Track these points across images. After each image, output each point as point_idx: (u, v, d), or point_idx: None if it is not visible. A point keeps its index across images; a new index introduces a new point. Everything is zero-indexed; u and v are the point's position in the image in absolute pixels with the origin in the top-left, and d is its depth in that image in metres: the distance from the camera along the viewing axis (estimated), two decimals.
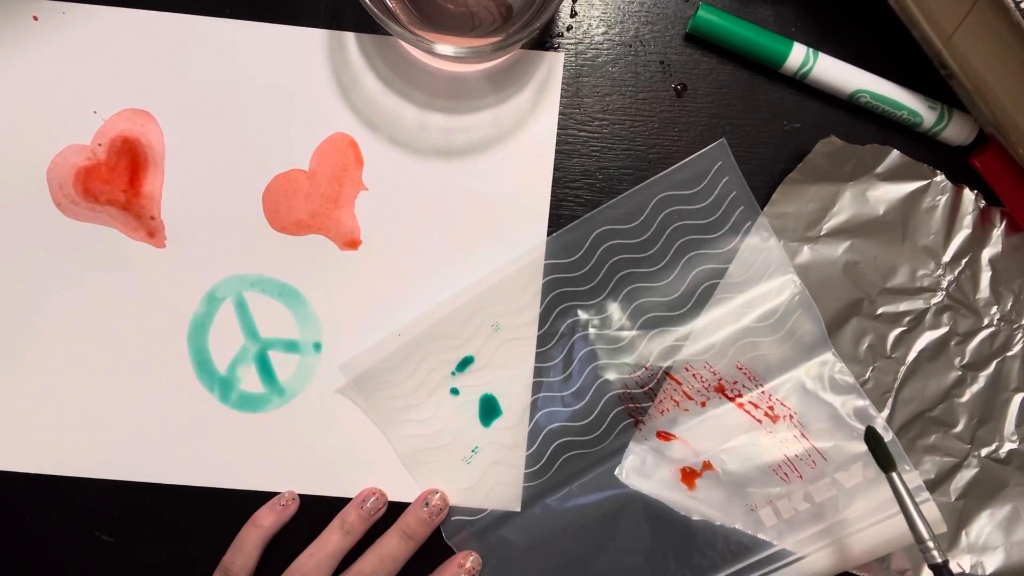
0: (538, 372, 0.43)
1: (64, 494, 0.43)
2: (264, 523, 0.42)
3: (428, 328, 0.43)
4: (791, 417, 0.43)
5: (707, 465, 0.43)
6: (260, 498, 0.43)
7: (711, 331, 0.43)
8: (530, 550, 0.43)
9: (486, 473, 0.43)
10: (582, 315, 0.43)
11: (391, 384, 0.43)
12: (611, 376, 0.43)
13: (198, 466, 0.43)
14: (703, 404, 0.43)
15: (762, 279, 0.43)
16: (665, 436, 0.43)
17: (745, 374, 0.43)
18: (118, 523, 0.44)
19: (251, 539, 0.42)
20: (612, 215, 0.43)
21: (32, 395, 0.43)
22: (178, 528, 0.44)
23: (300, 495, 0.43)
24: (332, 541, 0.42)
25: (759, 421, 0.43)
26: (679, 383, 0.43)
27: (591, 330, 0.43)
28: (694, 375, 0.43)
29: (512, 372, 0.43)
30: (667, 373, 0.43)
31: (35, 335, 0.43)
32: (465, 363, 0.43)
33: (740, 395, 0.43)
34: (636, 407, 0.43)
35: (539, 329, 0.43)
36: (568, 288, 0.43)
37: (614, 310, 0.43)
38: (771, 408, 0.43)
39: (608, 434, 0.43)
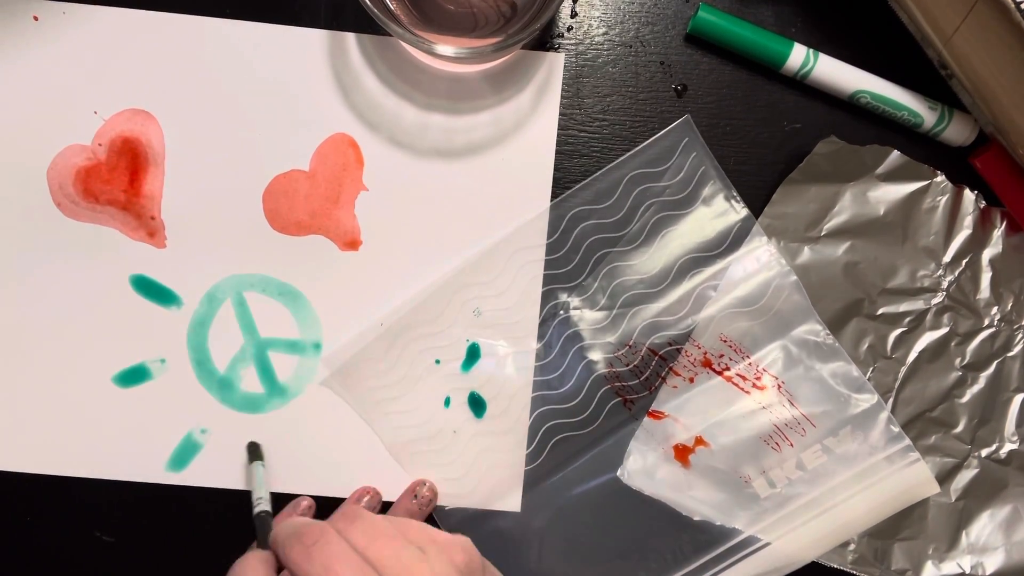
0: (521, 357, 0.43)
1: (64, 494, 0.43)
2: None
3: (406, 316, 0.43)
4: (779, 386, 0.43)
5: (699, 440, 0.43)
6: None
7: (692, 305, 0.43)
8: (526, 537, 0.43)
9: (485, 475, 0.43)
10: (562, 297, 0.43)
11: (375, 375, 0.43)
12: (596, 356, 0.43)
13: (198, 466, 0.43)
14: (691, 380, 0.44)
15: (737, 249, 0.43)
16: (656, 415, 0.43)
17: (730, 346, 0.43)
18: (118, 523, 0.44)
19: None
20: (584, 197, 0.43)
21: (32, 395, 0.43)
22: (178, 528, 0.44)
23: (299, 495, 0.43)
24: None
25: (747, 392, 0.43)
26: (665, 360, 0.43)
27: (572, 312, 0.43)
28: (678, 350, 0.43)
29: (497, 360, 0.43)
30: (652, 351, 0.43)
31: (35, 335, 0.43)
32: (472, 357, 0.43)
33: (727, 368, 0.43)
34: (623, 386, 0.43)
35: (520, 316, 0.43)
36: (548, 271, 0.43)
37: (594, 290, 0.43)
38: (758, 378, 0.43)
39: (597, 415, 0.43)
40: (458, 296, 0.43)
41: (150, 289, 0.43)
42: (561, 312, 0.43)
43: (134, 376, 0.43)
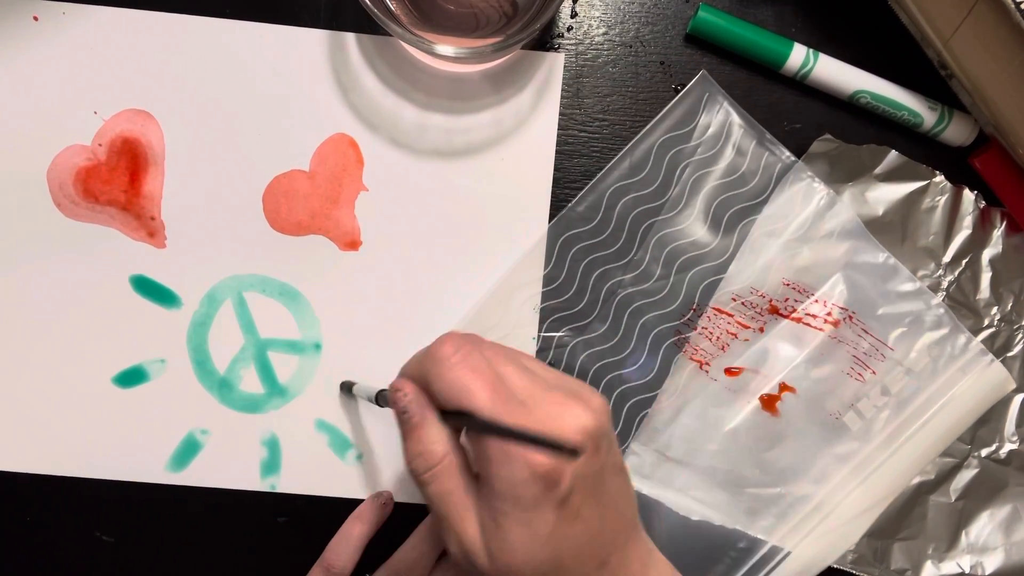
0: (588, 344, 0.43)
1: (64, 494, 0.43)
2: (370, 519, 0.42)
3: (467, 326, 0.43)
4: (850, 317, 0.43)
5: (784, 387, 0.43)
6: (260, 498, 0.43)
7: (748, 256, 0.43)
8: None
9: None
10: (617, 276, 0.43)
11: None
12: (662, 326, 0.43)
13: (198, 466, 0.43)
14: (761, 329, 0.43)
15: (781, 190, 0.43)
16: (733, 372, 0.43)
17: (793, 288, 0.43)
18: (118, 523, 0.44)
19: (356, 535, 0.41)
20: (619, 173, 0.43)
21: (32, 395, 0.43)
22: (178, 528, 0.44)
23: (298, 496, 0.43)
24: None
25: (820, 329, 0.43)
26: (731, 315, 0.43)
27: (630, 288, 0.43)
28: (743, 303, 0.43)
29: (566, 351, 0.43)
30: (717, 309, 0.43)
31: (35, 335, 0.43)
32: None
33: (794, 310, 0.43)
34: (696, 350, 0.43)
35: (580, 303, 0.43)
36: (597, 253, 0.43)
37: (647, 263, 0.43)
38: (829, 314, 0.43)
39: (676, 385, 0.43)
40: (514, 297, 0.43)
41: (150, 289, 0.43)
42: (619, 291, 0.43)
43: (134, 376, 0.43)
